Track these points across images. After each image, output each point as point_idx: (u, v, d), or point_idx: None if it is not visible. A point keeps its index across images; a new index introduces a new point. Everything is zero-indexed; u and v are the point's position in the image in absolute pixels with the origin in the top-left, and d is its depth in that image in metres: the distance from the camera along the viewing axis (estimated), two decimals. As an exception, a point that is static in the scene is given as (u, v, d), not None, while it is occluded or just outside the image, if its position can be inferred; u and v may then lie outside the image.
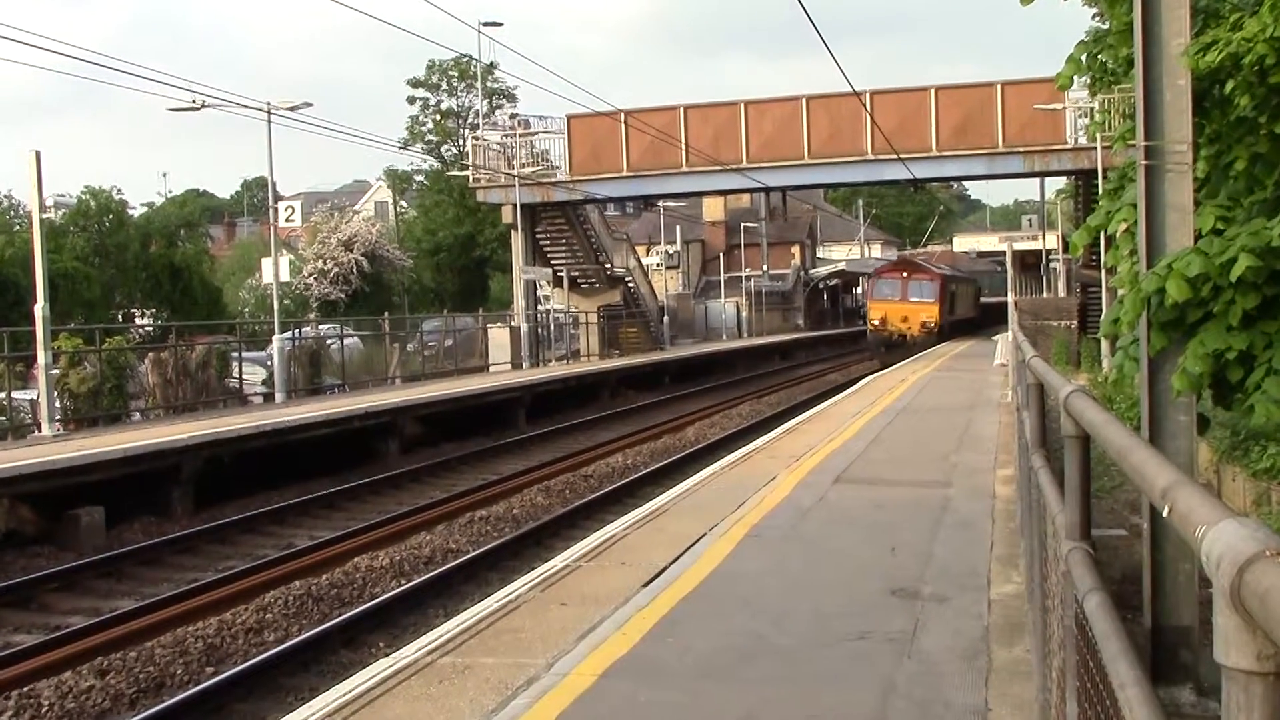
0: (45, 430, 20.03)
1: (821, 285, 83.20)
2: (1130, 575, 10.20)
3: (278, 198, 33.36)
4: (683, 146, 38.86)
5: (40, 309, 20.17)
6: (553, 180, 41.25)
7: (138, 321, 44.53)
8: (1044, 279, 69.56)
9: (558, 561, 9.22)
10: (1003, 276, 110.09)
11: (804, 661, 6.65)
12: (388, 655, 6.88)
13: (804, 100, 39.40)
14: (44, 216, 22.04)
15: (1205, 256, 7.28)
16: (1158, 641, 7.53)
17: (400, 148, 66.52)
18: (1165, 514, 2.11)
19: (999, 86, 37.48)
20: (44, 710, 9.37)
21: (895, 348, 49.33)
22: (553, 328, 45.98)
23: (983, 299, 77.52)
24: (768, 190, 45.84)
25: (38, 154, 20.32)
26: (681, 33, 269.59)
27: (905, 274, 53.09)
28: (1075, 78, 10.60)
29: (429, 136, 70.24)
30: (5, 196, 50.76)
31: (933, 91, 38.36)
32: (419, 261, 60.86)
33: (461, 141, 64.26)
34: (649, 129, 38.09)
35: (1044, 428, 6.69)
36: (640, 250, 59.39)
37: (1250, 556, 1.52)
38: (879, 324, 51.68)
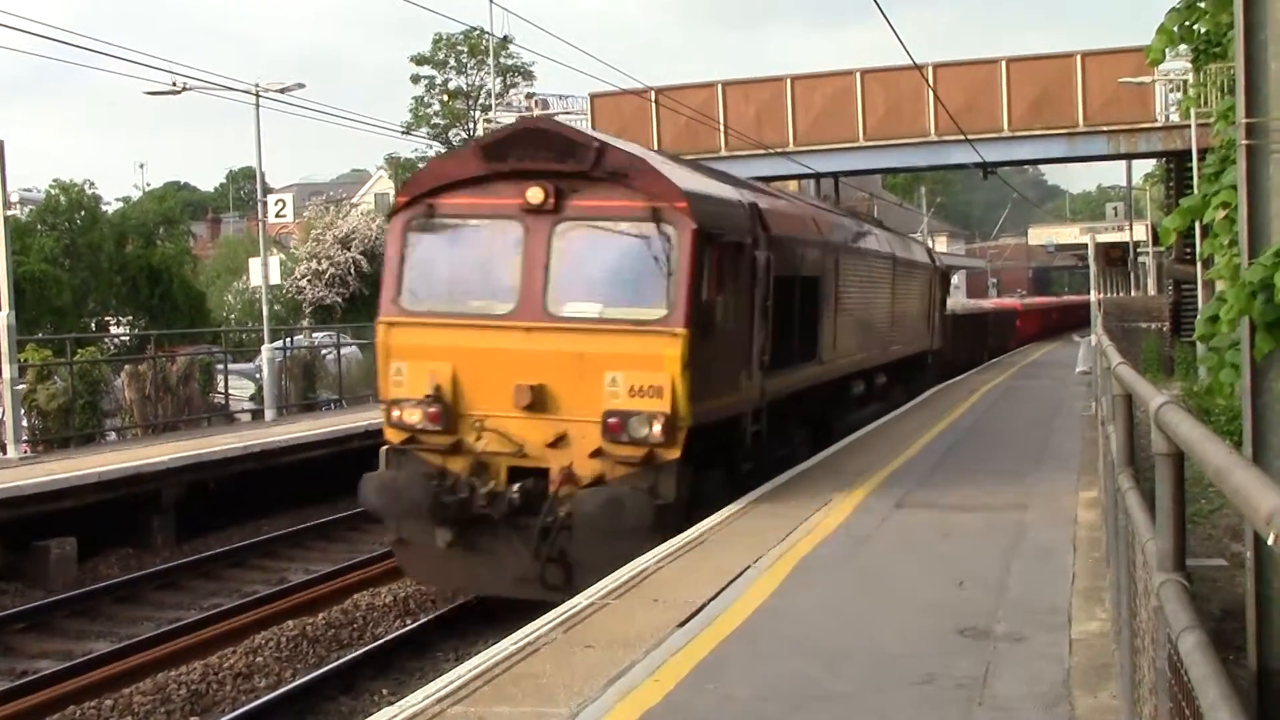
0: (10, 453, 20.19)
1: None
2: (1232, 610, 10.12)
3: (267, 190, 33.66)
4: (721, 127, 38.86)
5: (4, 317, 20.37)
6: (575, 167, 41.21)
7: (113, 330, 44.86)
8: (1131, 275, 69.10)
9: (582, 599, 9.22)
10: (1069, 269, 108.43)
11: (861, 710, 6.62)
12: (392, 704, 6.89)
13: (858, 75, 39.35)
14: (8, 213, 22.24)
15: (1321, 246, 7.18)
16: (1265, 686, 7.45)
17: (403, 132, 66.80)
18: (1271, 541, 2.10)
19: (1078, 58, 37.30)
20: (9, 766, 9.42)
21: (478, 530, 12.97)
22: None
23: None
24: (818, 176, 44.27)
25: (0, 143, 20.54)
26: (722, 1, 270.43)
27: (542, 199, 12.91)
28: (1167, 50, 10.53)
29: (435, 119, 70.65)
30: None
31: (1003, 64, 38.22)
32: (425, 260, 60.92)
33: (472, 125, 64.63)
34: (683, 108, 38.10)
35: (1132, 444, 6.65)
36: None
37: (1367, 591, 1.50)
38: (420, 422, 13.06)
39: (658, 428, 12.09)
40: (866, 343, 22.22)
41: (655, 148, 40.23)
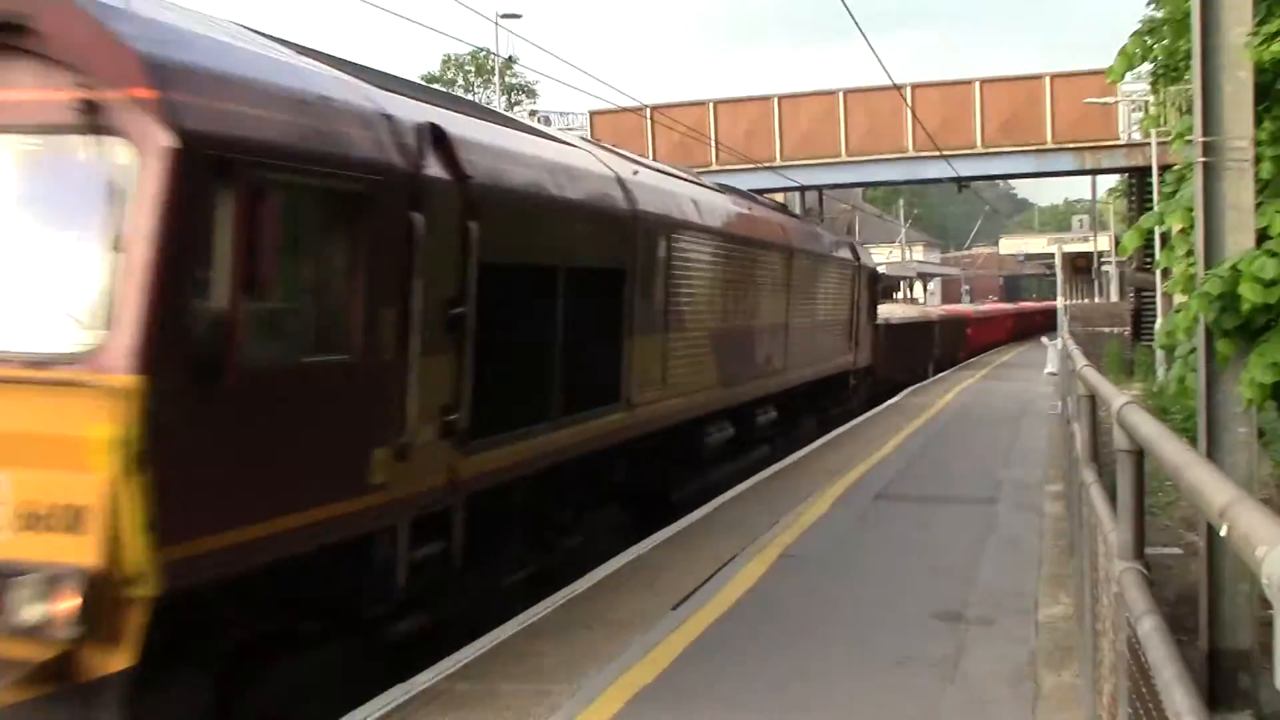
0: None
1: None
2: (1185, 596, 10.14)
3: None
4: (712, 144, 38.86)
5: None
6: (575, 180, 41.36)
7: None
8: (1095, 283, 69.17)
9: (582, 583, 9.23)
10: (1038, 277, 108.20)
11: (841, 689, 6.64)
12: (404, 682, 6.89)
13: (841, 94, 39.38)
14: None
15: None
16: (1214, 665, 7.49)
17: (415, 146, 66.76)
18: (1223, 534, 2.12)
19: (1047, 79, 37.34)
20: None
21: None
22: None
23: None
24: (803, 189, 44.28)
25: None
26: (716, 21, 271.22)
27: None
28: (1129, 73, 10.57)
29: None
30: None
31: (977, 85, 38.25)
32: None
33: (479, 140, 64.36)
34: (677, 125, 38.07)
35: (1096, 441, 6.67)
36: (668, 253, 59.27)
37: (1312, 579, 1.52)
38: None
39: (67, 604, 5.13)
40: (735, 368, 14.70)
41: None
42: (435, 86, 66.70)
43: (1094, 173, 46.69)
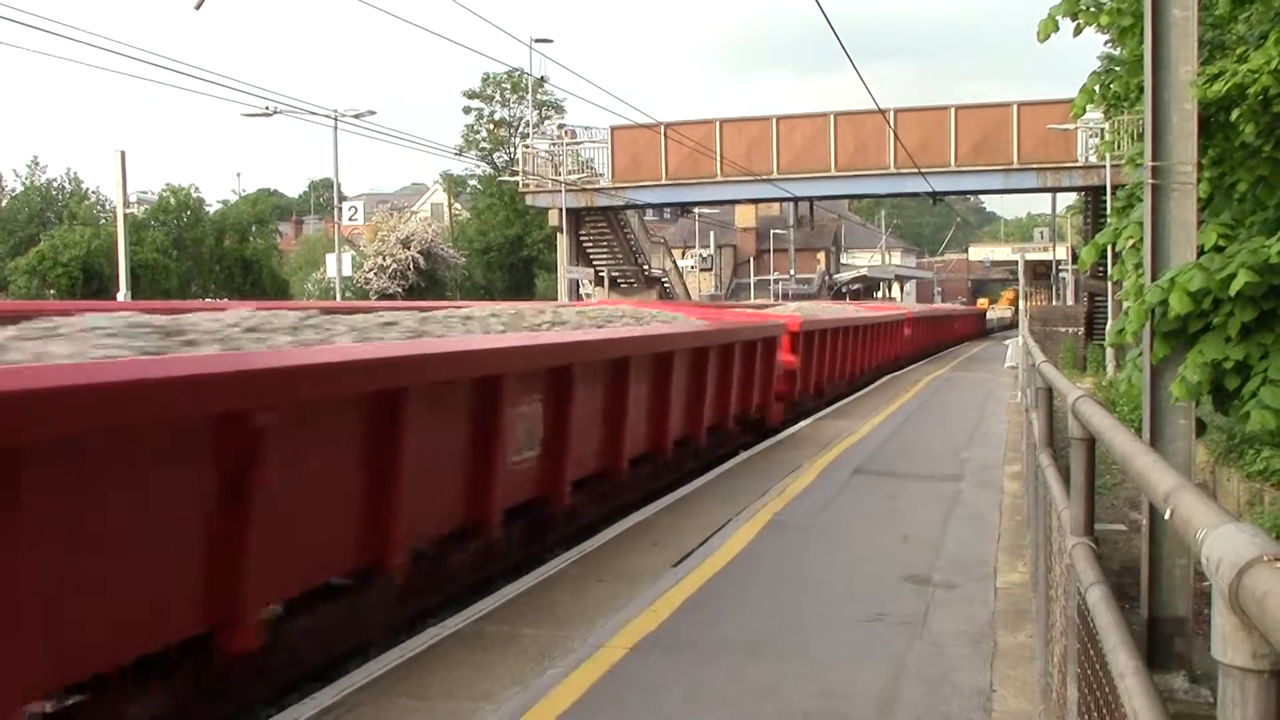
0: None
1: (845, 289, 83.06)
2: (1128, 567, 10.13)
3: (342, 198, 33.55)
4: (718, 157, 38.81)
5: (123, 297, 20.39)
6: (596, 186, 41.37)
7: (211, 310, 44.80)
8: (1053, 288, 69.01)
9: (594, 542, 9.23)
10: (1002, 281, 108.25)
11: (821, 640, 6.63)
12: (439, 624, 6.90)
13: (832, 116, 39.33)
14: (127, 211, 22.26)
15: (1206, 271, 7.24)
16: (1153, 631, 7.47)
17: (456, 153, 66.80)
18: (1167, 517, 2.10)
19: (1015, 107, 37.31)
20: None
21: None
22: (592, 323, 45.56)
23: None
24: (796, 200, 44.20)
25: (123, 154, 20.58)
26: (720, 51, 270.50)
27: None
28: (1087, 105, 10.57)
29: (483, 144, 70.51)
30: (94, 192, 51.41)
31: (952, 111, 38.20)
32: (471, 260, 61.12)
33: (513, 149, 64.45)
34: (687, 140, 38.06)
35: (1051, 428, 6.65)
36: (676, 253, 59.37)
37: (1249, 561, 1.52)
38: None
39: None
40: None
41: (663, 173, 40.24)
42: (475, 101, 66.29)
43: (1054, 190, 46.59)
